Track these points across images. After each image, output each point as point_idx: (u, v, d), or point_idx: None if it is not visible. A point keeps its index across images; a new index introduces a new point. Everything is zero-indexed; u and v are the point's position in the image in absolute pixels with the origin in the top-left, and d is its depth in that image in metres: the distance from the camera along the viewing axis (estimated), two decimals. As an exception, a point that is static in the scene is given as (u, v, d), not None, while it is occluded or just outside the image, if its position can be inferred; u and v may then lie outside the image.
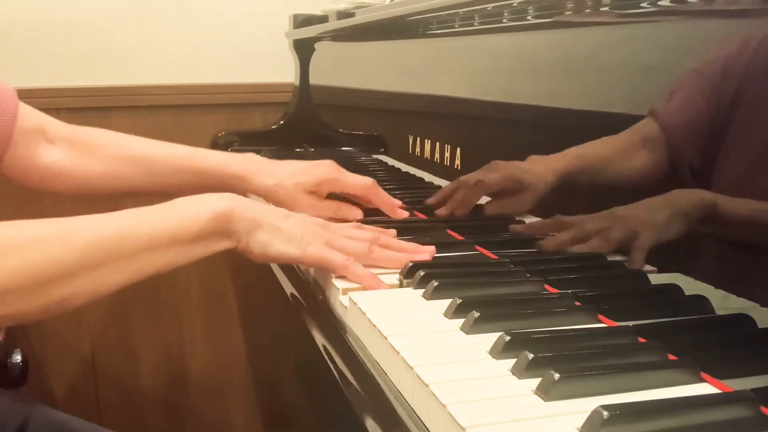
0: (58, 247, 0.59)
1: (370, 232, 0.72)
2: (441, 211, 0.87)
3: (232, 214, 0.65)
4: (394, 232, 0.74)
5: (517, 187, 0.80)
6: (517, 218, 0.83)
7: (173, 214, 0.64)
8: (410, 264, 0.67)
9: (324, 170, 0.86)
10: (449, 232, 0.80)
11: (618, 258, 0.67)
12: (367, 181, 0.86)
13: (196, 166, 0.90)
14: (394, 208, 0.86)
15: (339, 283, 0.65)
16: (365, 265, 0.67)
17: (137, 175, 0.92)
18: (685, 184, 0.58)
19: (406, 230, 0.78)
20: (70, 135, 0.92)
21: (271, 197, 0.86)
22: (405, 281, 0.65)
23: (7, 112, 0.85)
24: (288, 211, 0.70)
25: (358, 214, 0.84)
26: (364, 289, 0.64)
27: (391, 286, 0.65)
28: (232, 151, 1.56)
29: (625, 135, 0.63)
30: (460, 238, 0.78)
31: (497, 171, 0.83)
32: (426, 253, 0.70)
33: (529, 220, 0.81)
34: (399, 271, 0.67)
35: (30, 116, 0.89)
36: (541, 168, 0.75)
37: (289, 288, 0.78)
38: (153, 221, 0.63)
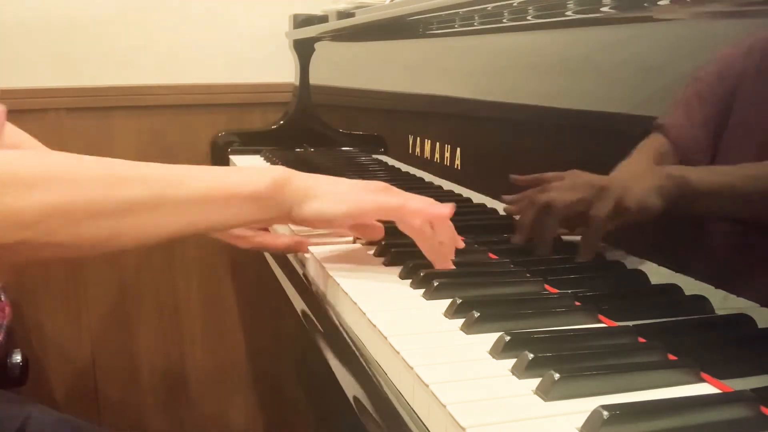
0: (113, 181, 0.59)
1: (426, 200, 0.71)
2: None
3: (288, 182, 0.66)
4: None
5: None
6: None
7: (235, 173, 0.66)
8: (411, 264, 0.67)
9: None
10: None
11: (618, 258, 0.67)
12: None
13: None
14: None
15: (341, 281, 0.65)
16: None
17: None
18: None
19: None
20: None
21: None
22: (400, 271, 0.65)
23: None
24: (340, 178, 0.70)
25: None
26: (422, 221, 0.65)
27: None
28: (232, 150, 1.56)
29: (637, 154, 0.62)
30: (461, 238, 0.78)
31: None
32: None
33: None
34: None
35: (10, 137, 0.88)
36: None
37: (288, 288, 0.78)
38: (215, 175, 0.64)
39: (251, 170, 0.67)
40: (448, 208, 0.66)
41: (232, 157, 1.52)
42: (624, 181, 0.62)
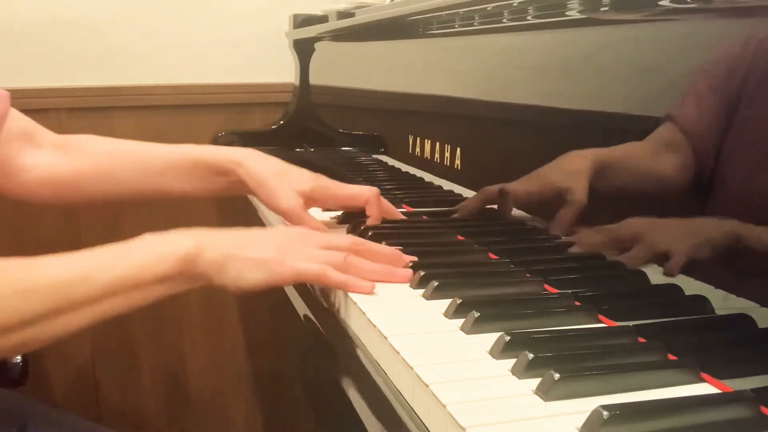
0: (17, 296, 0.58)
1: (349, 239, 0.68)
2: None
3: (198, 256, 0.63)
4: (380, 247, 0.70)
5: (557, 195, 0.73)
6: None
7: (138, 257, 0.62)
8: (410, 264, 0.67)
9: (324, 180, 0.83)
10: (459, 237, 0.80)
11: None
12: (367, 190, 0.81)
13: (191, 160, 0.85)
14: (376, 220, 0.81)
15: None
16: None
17: (129, 172, 0.87)
18: (707, 185, 0.57)
19: (412, 234, 0.78)
20: (60, 141, 0.88)
21: (265, 186, 0.81)
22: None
23: None
24: (256, 234, 0.67)
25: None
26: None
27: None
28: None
29: (649, 140, 0.62)
30: (461, 238, 0.78)
31: (530, 185, 0.78)
32: (406, 271, 0.66)
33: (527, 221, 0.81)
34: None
35: (18, 121, 0.86)
36: (574, 163, 0.71)
37: (288, 287, 0.78)
38: (117, 264, 0.61)
39: (161, 244, 0.63)
40: (369, 288, 0.62)
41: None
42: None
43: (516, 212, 0.83)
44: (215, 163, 0.84)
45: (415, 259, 0.68)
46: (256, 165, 0.82)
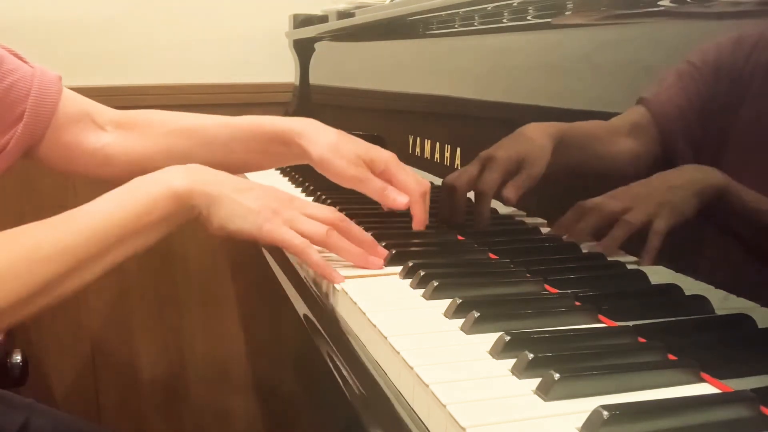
0: (28, 268, 0.61)
1: (333, 213, 0.70)
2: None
3: (192, 190, 0.66)
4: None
5: (519, 166, 0.74)
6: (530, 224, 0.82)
7: (137, 200, 0.65)
8: (410, 264, 0.67)
9: (384, 153, 0.81)
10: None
11: (618, 258, 0.67)
12: (422, 186, 0.78)
13: (253, 131, 0.84)
14: (420, 225, 0.78)
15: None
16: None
17: (193, 148, 0.85)
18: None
19: (412, 234, 0.78)
20: (121, 118, 0.88)
21: (321, 157, 0.80)
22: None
23: (46, 102, 0.81)
24: (250, 183, 0.69)
25: (404, 200, 0.77)
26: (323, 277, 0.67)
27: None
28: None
29: (614, 120, 0.63)
30: (461, 238, 0.78)
31: (495, 161, 0.78)
32: (378, 260, 0.69)
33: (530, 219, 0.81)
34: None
35: (75, 102, 0.86)
36: (536, 134, 0.72)
37: (288, 288, 0.78)
38: (117, 217, 0.64)
39: (154, 186, 0.66)
40: (339, 279, 0.66)
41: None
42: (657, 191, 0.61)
43: (516, 212, 0.84)
44: (276, 133, 0.83)
45: (385, 252, 0.70)
46: (316, 136, 0.81)
